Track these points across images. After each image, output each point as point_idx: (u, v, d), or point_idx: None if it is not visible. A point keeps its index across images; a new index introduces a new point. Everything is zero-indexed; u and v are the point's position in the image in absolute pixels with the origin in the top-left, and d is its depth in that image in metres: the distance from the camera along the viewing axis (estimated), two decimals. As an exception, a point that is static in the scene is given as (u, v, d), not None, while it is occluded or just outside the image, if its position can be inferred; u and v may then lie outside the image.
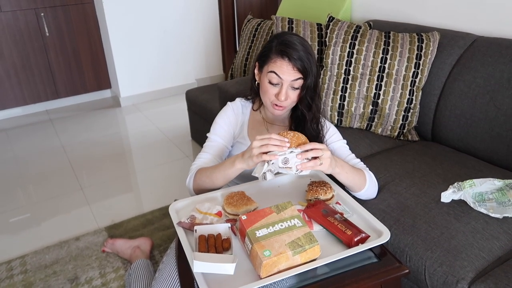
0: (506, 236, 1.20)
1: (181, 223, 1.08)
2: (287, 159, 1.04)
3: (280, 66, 1.22)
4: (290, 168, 1.05)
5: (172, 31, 3.73)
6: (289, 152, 1.05)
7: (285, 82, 1.23)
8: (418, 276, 1.19)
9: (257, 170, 1.07)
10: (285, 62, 1.22)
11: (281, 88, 1.24)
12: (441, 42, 1.80)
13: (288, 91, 1.25)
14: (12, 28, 3.17)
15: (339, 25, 1.89)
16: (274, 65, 1.23)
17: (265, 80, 1.27)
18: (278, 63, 1.22)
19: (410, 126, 1.82)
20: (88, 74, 3.62)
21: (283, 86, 1.24)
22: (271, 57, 1.24)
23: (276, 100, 1.26)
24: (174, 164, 2.69)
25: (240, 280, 0.91)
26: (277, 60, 1.23)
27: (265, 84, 1.27)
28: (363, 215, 1.12)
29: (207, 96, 2.64)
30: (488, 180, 1.34)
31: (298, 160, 1.05)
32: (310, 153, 1.05)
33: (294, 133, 1.10)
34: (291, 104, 1.30)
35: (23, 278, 1.75)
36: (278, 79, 1.23)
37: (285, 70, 1.22)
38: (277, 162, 1.05)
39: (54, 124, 3.37)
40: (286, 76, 1.22)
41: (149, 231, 2.00)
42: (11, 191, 2.44)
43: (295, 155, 1.05)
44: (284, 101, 1.26)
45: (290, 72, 1.22)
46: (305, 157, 1.05)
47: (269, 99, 1.28)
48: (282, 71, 1.22)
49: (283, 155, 1.04)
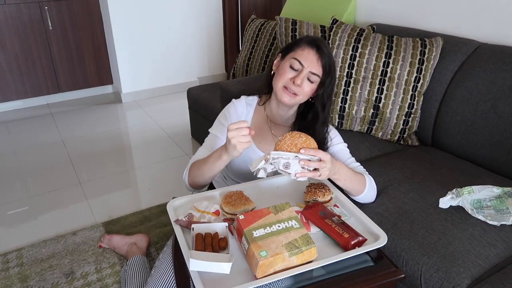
0: (503, 243, 1.20)
1: (178, 221, 1.08)
2: (289, 164, 1.04)
3: (306, 55, 1.25)
4: (289, 173, 1.05)
5: (176, 28, 3.73)
6: (293, 157, 1.04)
7: (305, 69, 1.24)
8: (414, 281, 1.19)
9: (254, 163, 1.07)
10: (313, 52, 1.25)
11: (299, 73, 1.25)
12: (444, 48, 1.80)
13: (304, 80, 1.25)
14: (15, 21, 3.17)
15: (343, 28, 1.88)
16: (302, 53, 1.26)
17: (286, 65, 1.28)
18: (306, 51, 1.25)
19: (411, 130, 1.82)
20: (90, 69, 3.62)
21: (302, 71, 1.25)
22: (300, 45, 1.27)
23: (290, 83, 1.25)
24: (173, 162, 2.69)
25: (236, 279, 0.91)
26: (306, 48, 1.26)
27: (285, 68, 1.28)
28: (361, 218, 1.12)
29: (208, 94, 2.64)
30: (487, 187, 1.34)
31: (299, 168, 1.04)
32: (314, 164, 1.05)
33: (307, 137, 1.08)
34: (302, 95, 1.28)
35: (19, 271, 1.75)
36: (299, 65, 1.25)
37: (310, 59, 1.24)
38: (279, 164, 1.05)
39: (54, 118, 3.37)
40: (309, 64, 1.24)
41: (146, 228, 2.00)
42: (9, 184, 2.44)
43: (298, 161, 1.04)
44: (298, 87, 1.25)
45: (314, 62, 1.24)
46: (307, 165, 1.04)
47: (282, 82, 1.27)
48: (307, 59, 1.24)
49: (287, 159, 1.04)
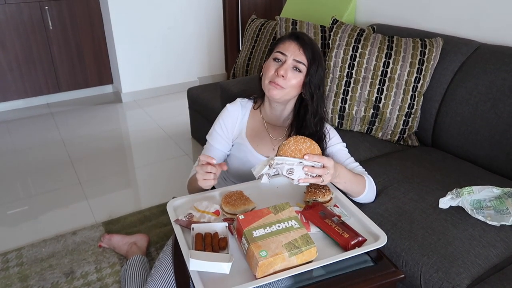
0: (503, 244, 1.20)
1: (178, 220, 1.08)
2: (293, 170, 1.04)
3: (288, 46, 1.26)
4: (292, 179, 1.05)
5: (176, 28, 3.73)
6: (297, 163, 1.04)
7: (289, 60, 1.24)
8: (414, 282, 1.19)
9: (258, 168, 1.07)
10: (294, 42, 1.26)
11: (283, 63, 1.25)
12: (444, 48, 1.80)
13: (289, 71, 1.24)
14: (16, 21, 3.17)
15: (343, 28, 1.89)
16: (282, 46, 1.27)
17: (269, 61, 1.28)
18: (287, 44, 1.26)
19: (411, 131, 1.83)
20: (90, 68, 3.62)
21: (286, 62, 1.24)
22: (282, 40, 1.29)
23: (275, 76, 1.24)
24: (173, 162, 2.69)
25: (236, 279, 0.91)
26: (286, 41, 1.27)
27: (268, 64, 1.28)
28: (361, 218, 1.12)
29: (208, 94, 2.64)
30: (487, 187, 1.34)
31: (303, 174, 1.05)
32: (318, 170, 1.05)
33: (312, 142, 1.08)
34: (289, 87, 1.25)
35: (19, 270, 1.75)
36: (282, 56, 1.25)
37: (292, 49, 1.25)
38: (282, 169, 1.05)
39: (54, 117, 3.37)
40: (291, 53, 1.24)
41: (146, 228, 2.00)
42: (9, 184, 2.44)
43: (302, 167, 1.04)
44: (283, 80, 1.23)
45: (296, 51, 1.24)
46: (311, 172, 1.05)
47: (268, 78, 1.26)
48: (288, 49, 1.25)
49: (291, 165, 1.04)
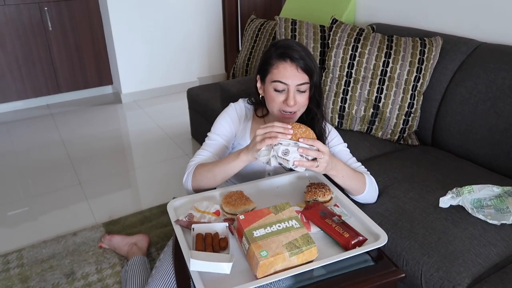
0: (503, 243, 1.20)
1: (178, 221, 1.08)
2: (288, 151, 1.04)
3: (283, 71, 1.18)
4: (287, 161, 1.04)
5: (176, 28, 3.73)
6: (293, 143, 1.04)
7: (291, 87, 1.19)
8: (414, 281, 1.19)
9: (262, 155, 1.07)
10: (288, 64, 1.18)
11: (288, 93, 1.19)
12: (444, 47, 1.80)
13: (296, 95, 1.20)
14: (15, 22, 3.17)
15: (342, 28, 1.89)
16: (277, 72, 1.19)
17: (270, 90, 1.22)
18: (281, 68, 1.19)
19: (411, 130, 1.83)
20: (90, 69, 3.62)
21: (289, 90, 1.19)
22: (273, 64, 1.21)
23: (285, 106, 1.20)
24: (173, 162, 2.69)
25: (236, 279, 0.91)
26: (279, 65, 1.19)
27: (271, 94, 1.22)
28: (361, 218, 1.12)
29: (208, 95, 2.64)
30: (487, 186, 1.34)
31: (298, 156, 1.04)
32: (312, 153, 1.04)
33: (307, 128, 1.09)
34: (301, 109, 1.24)
35: (20, 271, 1.75)
36: (283, 85, 1.19)
37: (289, 74, 1.18)
38: (278, 150, 1.04)
39: (54, 118, 3.37)
40: (291, 81, 1.18)
41: (146, 228, 2.00)
42: (9, 184, 2.44)
43: (297, 149, 1.04)
44: (293, 106, 1.20)
45: (295, 75, 1.18)
46: (306, 153, 1.04)
47: (277, 108, 1.23)
48: (286, 76, 1.18)
49: (287, 145, 1.04)
